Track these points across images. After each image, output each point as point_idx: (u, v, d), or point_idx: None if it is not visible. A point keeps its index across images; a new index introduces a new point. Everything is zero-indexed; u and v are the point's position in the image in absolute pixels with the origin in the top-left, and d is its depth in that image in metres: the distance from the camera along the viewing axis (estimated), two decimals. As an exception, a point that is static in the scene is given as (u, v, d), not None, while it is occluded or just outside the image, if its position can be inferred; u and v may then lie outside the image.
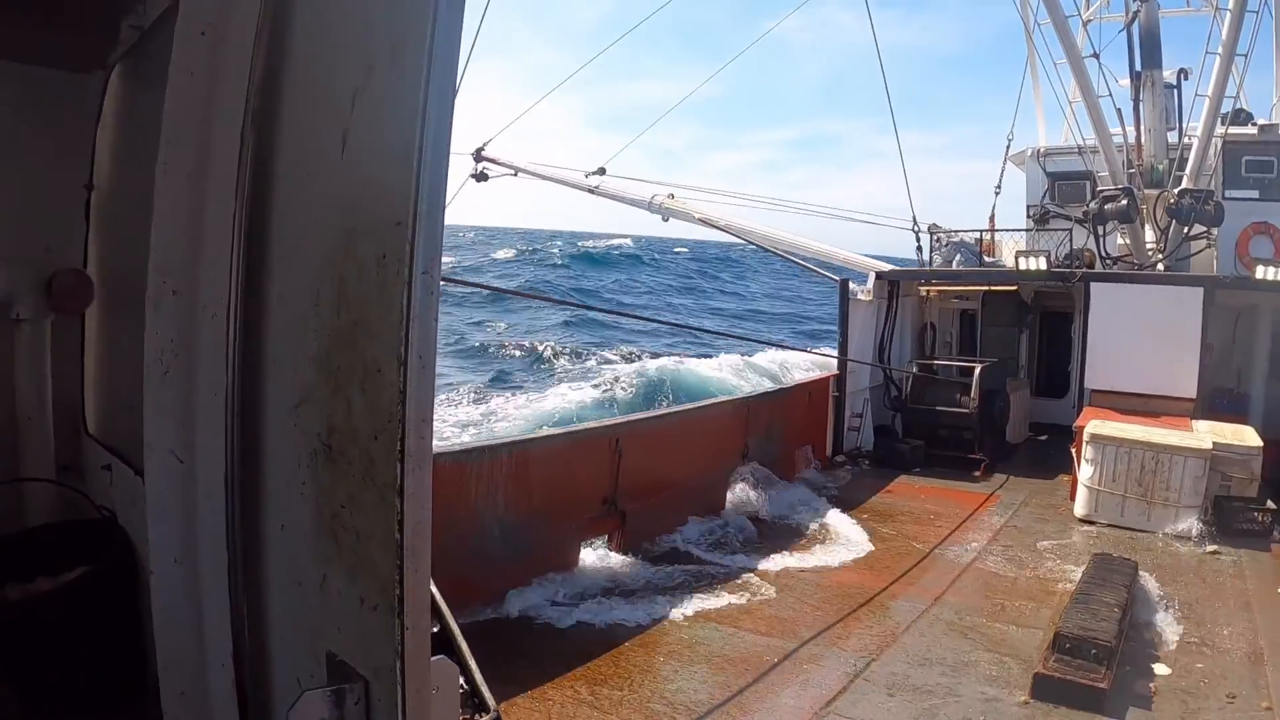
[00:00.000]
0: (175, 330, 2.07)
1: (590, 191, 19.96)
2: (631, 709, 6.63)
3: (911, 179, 19.12)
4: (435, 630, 3.56)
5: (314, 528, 1.77)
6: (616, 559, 9.97)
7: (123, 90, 3.81)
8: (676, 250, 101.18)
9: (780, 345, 22.43)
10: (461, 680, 3.39)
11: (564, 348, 35.41)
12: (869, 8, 16.86)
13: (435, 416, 1.60)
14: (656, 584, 9.34)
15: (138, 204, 2.31)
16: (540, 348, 34.83)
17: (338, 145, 1.71)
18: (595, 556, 10.00)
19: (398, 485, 1.53)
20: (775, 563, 10.09)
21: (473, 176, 20.51)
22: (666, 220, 19.59)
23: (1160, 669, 7.56)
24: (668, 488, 10.85)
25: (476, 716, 3.23)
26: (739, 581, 9.41)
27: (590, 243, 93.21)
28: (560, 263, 64.22)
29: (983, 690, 7.05)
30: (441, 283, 1.62)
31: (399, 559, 1.53)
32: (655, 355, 33.31)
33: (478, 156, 20.59)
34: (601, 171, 19.69)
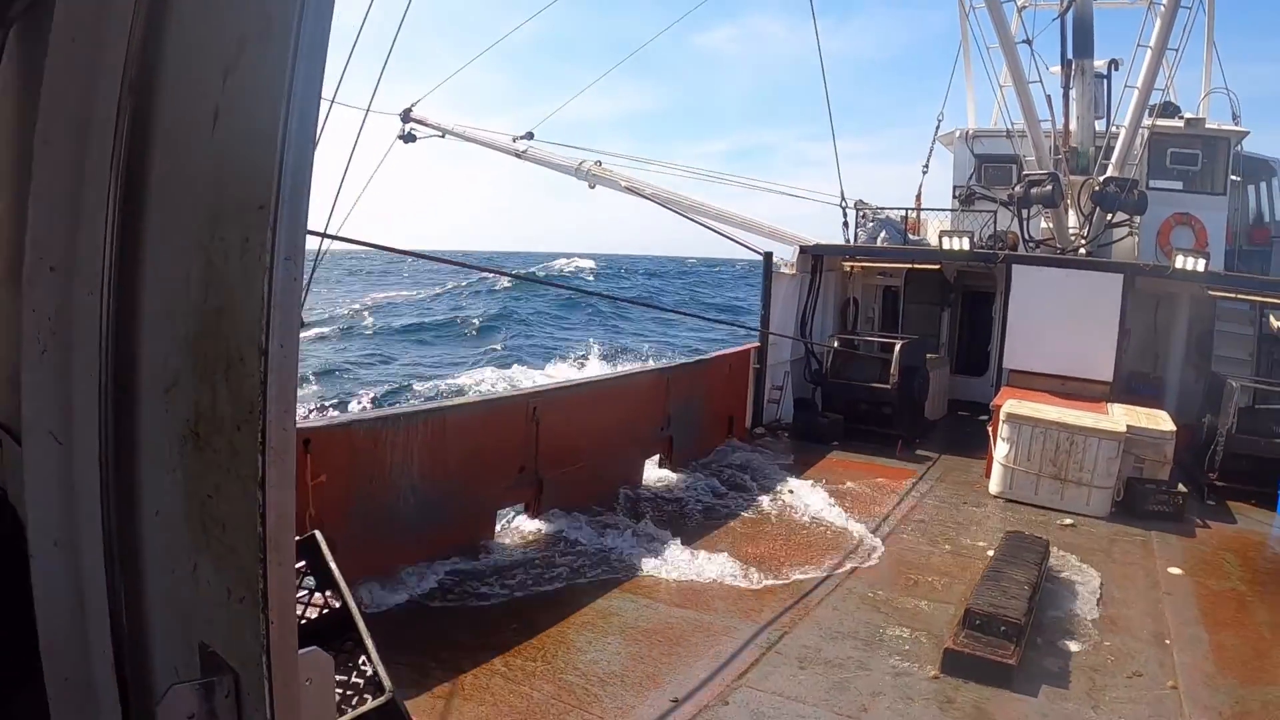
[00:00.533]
0: (52, 308, 1.99)
1: (518, 155, 19.96)
2: (545, 680, 6.66)
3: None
4: (337, 606, 3.53)
5: (185, 515, 1.73)
6: (532, 527, 9.98)
7: (20, 50, 3.64)
8: (624, 270, 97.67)
9: (701, 318, 22.12)
10: (362, 659, 3.37)
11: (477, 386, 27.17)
12: (813, 10, 16.91)
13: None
14: (571, 553, 9.38)
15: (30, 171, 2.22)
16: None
17: (209, 121, 1.66)
18: (512, 526, 10.00)
19: (259, 477, 1.51)
20: (691, 534, 10.17)
21: (400, 138, 20.45)
22: (593, 187, 19.71)
23: (1069, 646, 7.80)
24: (586, 456, 10.85)
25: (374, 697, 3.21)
26: (654, 553, 9.45)
27: (536, 268, 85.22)
28: (506, 285, 60.55)
29: (893, 664, 7.21)
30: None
31: (262, 552, 1.50)
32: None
33: (405, 117, 20.47)
34: (530, 136, 19.74)
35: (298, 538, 3.17)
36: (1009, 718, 6.55)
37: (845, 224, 19.47)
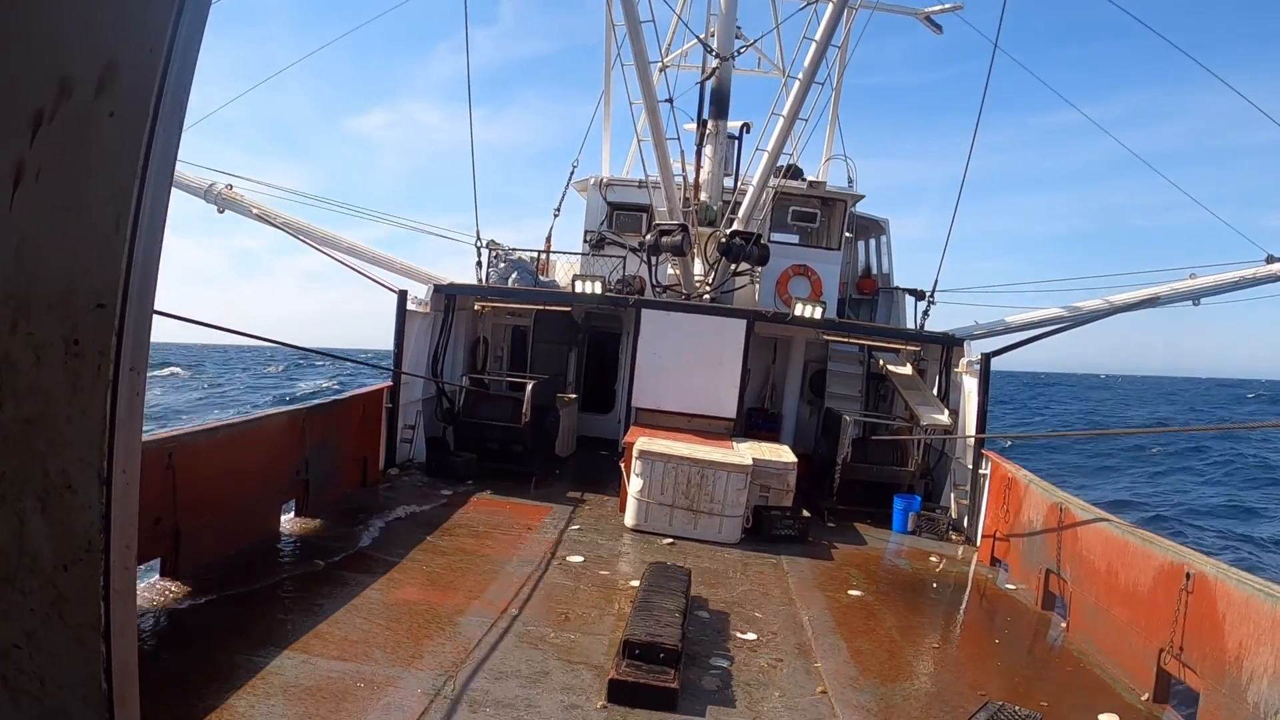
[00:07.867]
0: None
1: None
2: (210, 754, 5.91)
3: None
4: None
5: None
6: (170, 586, 8.84)
7: None
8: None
9: (347, 359, 21.14)
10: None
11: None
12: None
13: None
14: (217, 611, 8.47)
15: None
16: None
17: (7, 181, 1.23)
18: (146, 585, 8.85)
19: (101, 625, 1.18)
20: (338, 580, 9.59)
21: None
22: (223, 212, 18.35)
23: (724, 665, 8.19)
24: (224, 504, 9.85)
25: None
26: (303, 603, 8.78)
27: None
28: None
29: (561, 698, 7.14)
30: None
31: (109, 712, 1.17)
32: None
33: None
34: None
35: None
36: None
37: (479, 264, 19.47)
